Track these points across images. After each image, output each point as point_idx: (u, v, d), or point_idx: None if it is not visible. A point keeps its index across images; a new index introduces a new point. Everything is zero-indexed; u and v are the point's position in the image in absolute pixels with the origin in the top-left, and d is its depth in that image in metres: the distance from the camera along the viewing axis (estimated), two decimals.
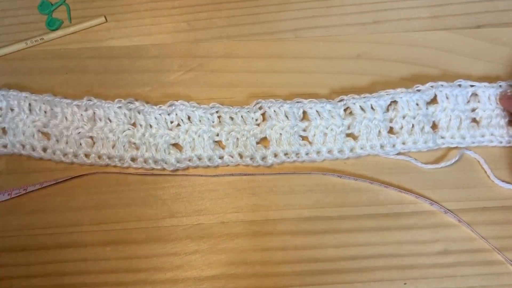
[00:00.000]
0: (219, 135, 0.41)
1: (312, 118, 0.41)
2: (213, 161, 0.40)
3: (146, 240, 0.40)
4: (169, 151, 0.40)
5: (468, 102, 0.41)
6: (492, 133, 0.40)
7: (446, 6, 0.43)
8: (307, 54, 0.43)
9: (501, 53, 0.42)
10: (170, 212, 0.41)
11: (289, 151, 0.40)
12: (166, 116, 0.40)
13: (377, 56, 0.43)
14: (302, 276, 0.39)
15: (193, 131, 0.40)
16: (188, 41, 0.43)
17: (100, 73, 0.43)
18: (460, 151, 0.40)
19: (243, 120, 0.41)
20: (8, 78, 0.43)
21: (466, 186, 0.40)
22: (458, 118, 0.41)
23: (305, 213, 0.40)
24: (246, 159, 0.40)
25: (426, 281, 0.39)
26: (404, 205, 0.40)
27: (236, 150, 0.41)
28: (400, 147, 0.40)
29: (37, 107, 0.41)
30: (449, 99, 0.40)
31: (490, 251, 0.39)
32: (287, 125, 0.40)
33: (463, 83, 0.40)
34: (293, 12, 0.44)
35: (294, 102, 0.40)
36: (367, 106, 0.40)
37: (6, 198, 0.41)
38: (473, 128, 0.41)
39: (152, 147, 0.40)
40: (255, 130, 0.41)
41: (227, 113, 0.41)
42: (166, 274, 0.40)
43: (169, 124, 0.41)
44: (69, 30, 0.43)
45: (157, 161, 0.40)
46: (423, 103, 0.40)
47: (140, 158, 0.40)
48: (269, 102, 0.40)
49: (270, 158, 0.40)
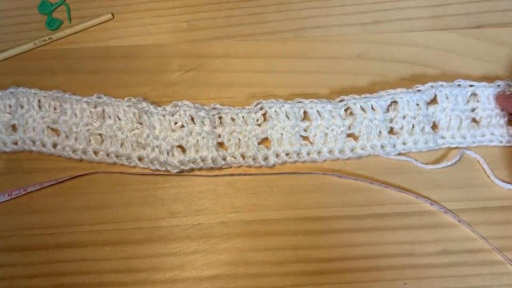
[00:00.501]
0: (221, 137, 0.41)
1: (313, 118, 0.41)
2: (216, 162, 0.40)
3: (146, 240, 0.40)
4: (172, 153, 0.40)
5: (468, 102, 0.41)
6: (493, 132, 0.40)
7: (446, 6, 0.43)
8: (307, 54, 0.43)
9: (501, 53, 0.42)
10: (170, 212, 0.41)
11: (291, 151, 0.40)
12: (169, 117, 0.40)
13: (377, 56, 0.43)
14: (302, 276, 0.39)
15: (196, 133, 0.40)
16: (188, 41, 0.43)
17: (100, 73, 0.43)
18: (460, 151, 0.40)
19: (244, 120, 0.41)
20: (9, 78, 0.43)
21: (466, 186, 0.40)
22: (458, 118, 0.41)
23: (305, 213, 0.40)
24: (248, 160, 0.40)
25: (426, 281, 0.39)
26: (404, 205, 0.40)
27: (239, 151, 0.41)
28: (401, 147, 0.40)
29: (47, 104, 0.41)
30: (449, 99, 0.40)
31: (490, 251, 0.39)
32: (288, 125, 0.40)
33: (463, 83, 0.40)
34: (293, 12, 0.44)
35: (295, 102, 0.40)
36: (368, 106, 0.40)
37: (7, 199, 0.41)
38: (473, 128, 0.41)
39: (156, 149, 0.40)
40: (257, 131, 0.41)
41: (228, 114, 0.41)
42: (166, 274, 0.40)
43: (173, 125, 0.40)
44: (77, 28, 0.43)
45: (162, 163, 0.40)
46: (423, 103, 0.40)
47: (146, 159, 0.40)
48: (270, 102, 0.40)
49: (272, 159, 0.40)
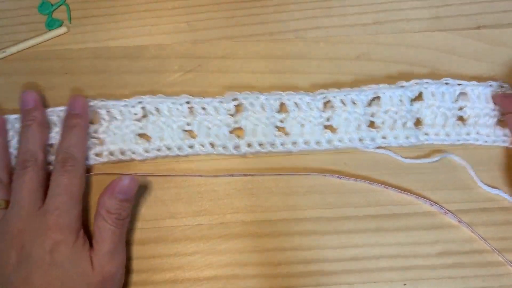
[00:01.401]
0: (190, 125, 0.41)
1: (290, 110, 0.41)
2: (183, 150, 0.40)
3: (145, 241, 0.40)
4: (136, 141, 0.40)
5: (456, 100, 0.41)
6: (478, 131, 0.40)
7: (446, 7, 0.43)
8: (307, 55, 0.43)
9: (501, 54, 0.42)
10: (169, 212, 0.41)
11: (264, 141, 0.40)
12: (130, 108, 0.41)
13: (377, 57, 0.43)
14: (301, 277, 0.39)
15: (161, 121, 0.40)
16: (188, 41, 0.43)
17: (100, 74, 0.43)
18: (443, 154, 0.40)
19: (216, 110, 0.41)
20: (8, 78, 0.43)
21: (466, 187, 0.40)
22: (444, 116, 0.40)
23: (305, 214, 0.40)
24: (218, 148, 0.40)
25: (425, 282, 0.39)
26: (404, 206, 0.40)
27: (208, 139, 0.41)
28: (380, 141, 0.40)
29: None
30: (435, 97, 0.40)
31: (490, 252, 0.39)
32: (263, 116, 0.40)
33: (451, 81, 0.40)
34: (293, 13, 0.44)
35: (271, 94, 0.40)
36: (348, 100, 0.40)
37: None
38: (458, 126, 0.40)
39: (119, 138, 0.40)
40: (228, 120, 0.41)
41: (198, 103, 0.41)
42: (165, 274, 0.40)
43: (135, 116, 0.41)
44: (29, 43, 0.43)
45: (124, 152, 0.40)
46: (406, 99, 0.40)
47: (105, 152, 0.40)
48: (245, 94, 0.40)
49: (243, 148, 0.40)
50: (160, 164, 0.41)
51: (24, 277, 0.34)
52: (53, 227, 0.35)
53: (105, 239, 0.36)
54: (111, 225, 0.36)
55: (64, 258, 0.34)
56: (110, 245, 0.36)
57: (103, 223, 0.36)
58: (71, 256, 0.35)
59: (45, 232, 0.35)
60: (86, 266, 0.35)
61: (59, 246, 0.35)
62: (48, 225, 0.35)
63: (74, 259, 0.35)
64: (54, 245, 0.34)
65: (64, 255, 0.34)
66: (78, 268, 0.35)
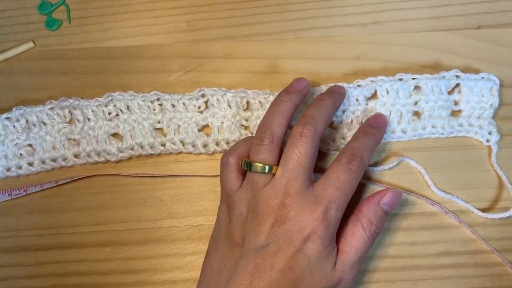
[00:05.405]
0: (161, 123, 0.41)
1: (254, 108, 0.41)
2: (155, 148, 0.41)
3: (145, 241, 0.40)
4: (109, 141, 0.40)
5: (411, 95, 0.40)
6: (434, 125, 0.40)
7: (447, 7, 0.43)
8: (307, 54, 0.43)
9: (501, 54, 0.42)
10: (169, 213, 0.41)
11: (230, 139, 0.41)
12: (103, 108, 0.41)
13: (377, 57, 0.42)
14: None
15: (132, 120, 0.41)
16: (188, 41, 0.43)
17: (100, 73, 0.43)
18: (399, 159, 0.40)
19: (185, 107, 0.41)
20: (8, 78, 0.43)
21: (467, 187, 0.40)
22: (399, 112, 0.40)
23: None
24: (188, 146, 0.41)
25: (426, 282, 0.39)
26: (405, 206, 0.40)
27: (178, 137, 0.41)
28: (339, 142, 0.40)
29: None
30: (389, 94, 0.40)
31: (490, 252, 0.39)
32: (229, 113, 0.41)
33: (404, 76, 0.40)
34: (293, 13, 0.44)
35: (237, 92, 0.41)
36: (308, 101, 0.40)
37: (7, 199, 0.41)
38: (413, 121, 0.40)
39: (93, 140, 0.40)
40: (197, 118, 0.41)
41: (168, 100, 0.41)
42: (165, 275, 0.40)
43: (107, 116, 0.41)
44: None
45: (100, 153, 0.40)
46: (363, 98, 0.40)
47: (83, 153, 0.41)
48: (211, 90, 0.41)
49: (211, 146, 0.40)
50: (160, 164, 0.41)
51: (272, 251, 0.33)
52: (319, 218, 0.33)
53: (357, 248, 0.34)
54: (368, 236, 0.34)
55: (314, 252, 0.33)
56: (359, 254, 0.34)
57: (361, 231, 0.34)
58: (319, 255, 0.33)
59: (309, 218, 0.33)
60: (329, 268, 0.33)
61: (316, 240, 0.33)
62: (315, 215, 0.33)
63: (321, 258, 0.33)
64: (311, 235, 0.33)
65: (315, 249, 0.33)
66: (321, 267, 0.33)
